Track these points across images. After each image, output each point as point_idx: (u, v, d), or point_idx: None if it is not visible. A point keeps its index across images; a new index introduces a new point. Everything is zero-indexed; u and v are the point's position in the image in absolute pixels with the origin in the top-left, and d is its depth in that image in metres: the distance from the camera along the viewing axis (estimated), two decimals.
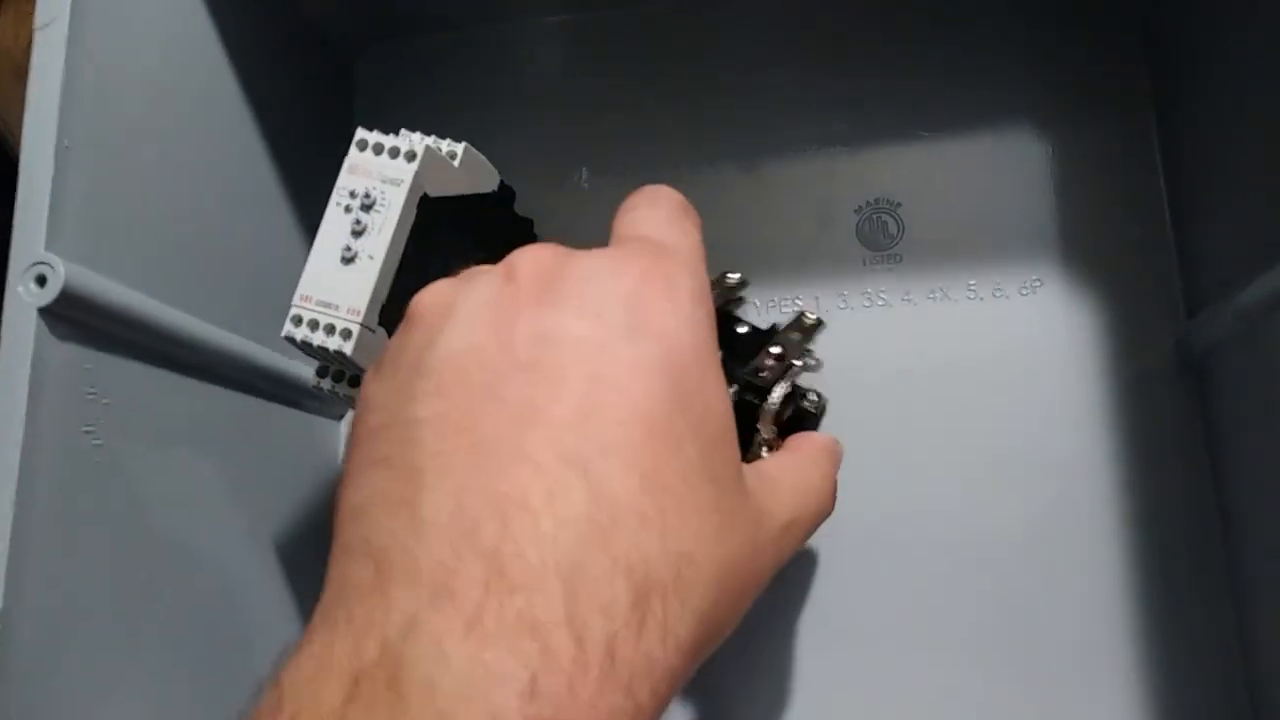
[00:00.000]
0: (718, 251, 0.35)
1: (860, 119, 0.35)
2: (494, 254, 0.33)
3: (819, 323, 0.29)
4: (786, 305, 0.34)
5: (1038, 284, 0.33)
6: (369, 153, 0.27)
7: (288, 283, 0.27)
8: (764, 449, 0.27)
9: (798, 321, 0.29)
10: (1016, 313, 0.33)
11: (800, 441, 0.27)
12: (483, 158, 0.31)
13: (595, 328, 0.19)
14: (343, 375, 0.28)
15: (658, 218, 0.24)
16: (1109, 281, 0.32)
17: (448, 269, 0.31)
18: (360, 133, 0.27)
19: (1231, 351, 0.29)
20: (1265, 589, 0.28)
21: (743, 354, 0.29)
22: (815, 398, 0.29)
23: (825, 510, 0.25)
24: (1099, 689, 0.30)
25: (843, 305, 0.34)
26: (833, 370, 0.33)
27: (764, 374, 0.28)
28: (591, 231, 0.36)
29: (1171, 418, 0.31)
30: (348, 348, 0.26)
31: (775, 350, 0.28)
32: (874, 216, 0.34)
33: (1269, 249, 0.26)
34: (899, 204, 0.34)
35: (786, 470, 0.24)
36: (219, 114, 0.32)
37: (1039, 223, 0.33)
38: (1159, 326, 0.32)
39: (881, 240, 0.34)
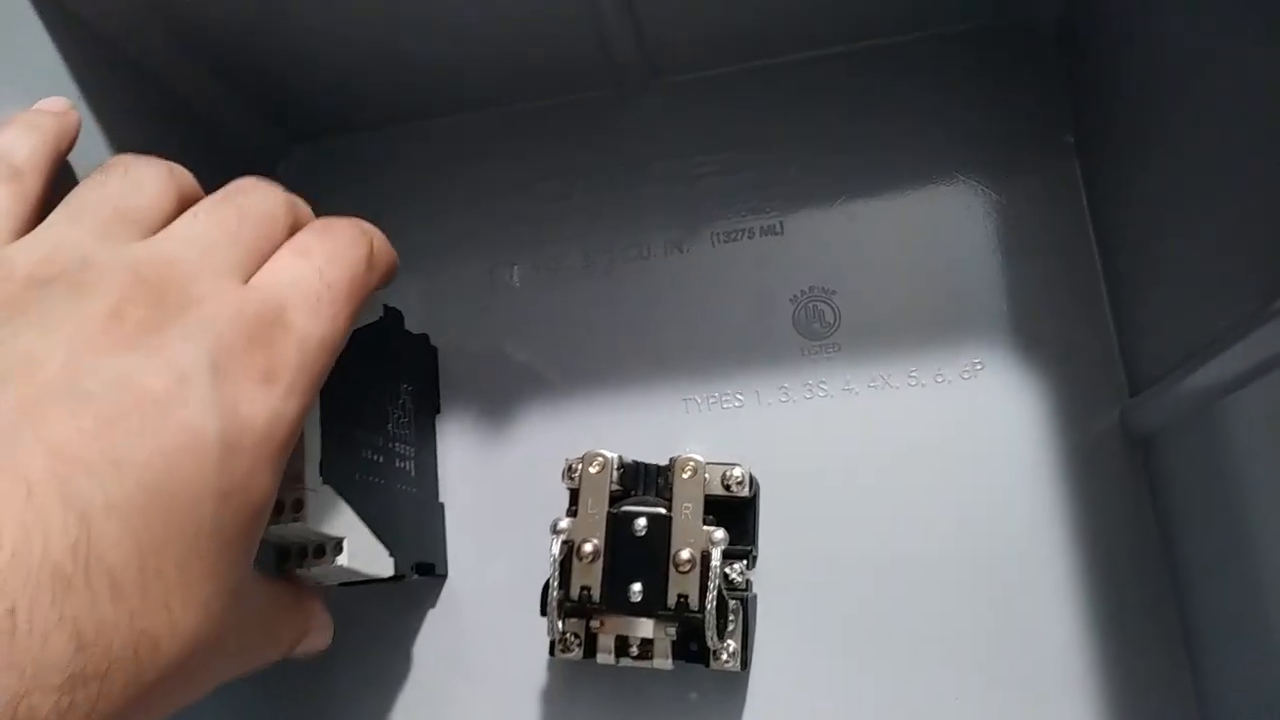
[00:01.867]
0: (652, 344, 0.35)
1: (790, 205, 0.35)
2: (399, 377, 0.33)
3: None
4: (728, 400, 0.33)
5: (979, 367, 0.32)
6: None
7: None
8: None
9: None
10: (959, 397, 0.32)
11: (298, 600, 0.27)
12: None
13: (172, 387, 0.18)
14: (305, 551, 0.27)
15: (314, 288, 0.22)
16: (1050, 360, 0.32)
17: (368, 405, 0.30)
18: None
19: (1173, 434, 0.29)
20: (1220, 659, 0.28)
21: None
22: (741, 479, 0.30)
23: (280, 653, 0.26)
24: None
25: (784, 398, 0.33)
26: (778, 463, 0.32)
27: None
28: (527, 329, 0.36)
29: (1120, 491, 0.31)
30: (304, 518, 0.26)
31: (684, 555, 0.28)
32: (810, 305, 0.34)
33: (1204, 336, 0.26)
34: (834, 291, 0.34)
35: (295, 607, 0.26)
36: None
37: (977, 305, 0.33)
38: (1103, 402, 0.31)
39: (819, 329, 0.33)
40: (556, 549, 0.29)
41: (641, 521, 0.29)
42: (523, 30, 0.34)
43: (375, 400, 0.31)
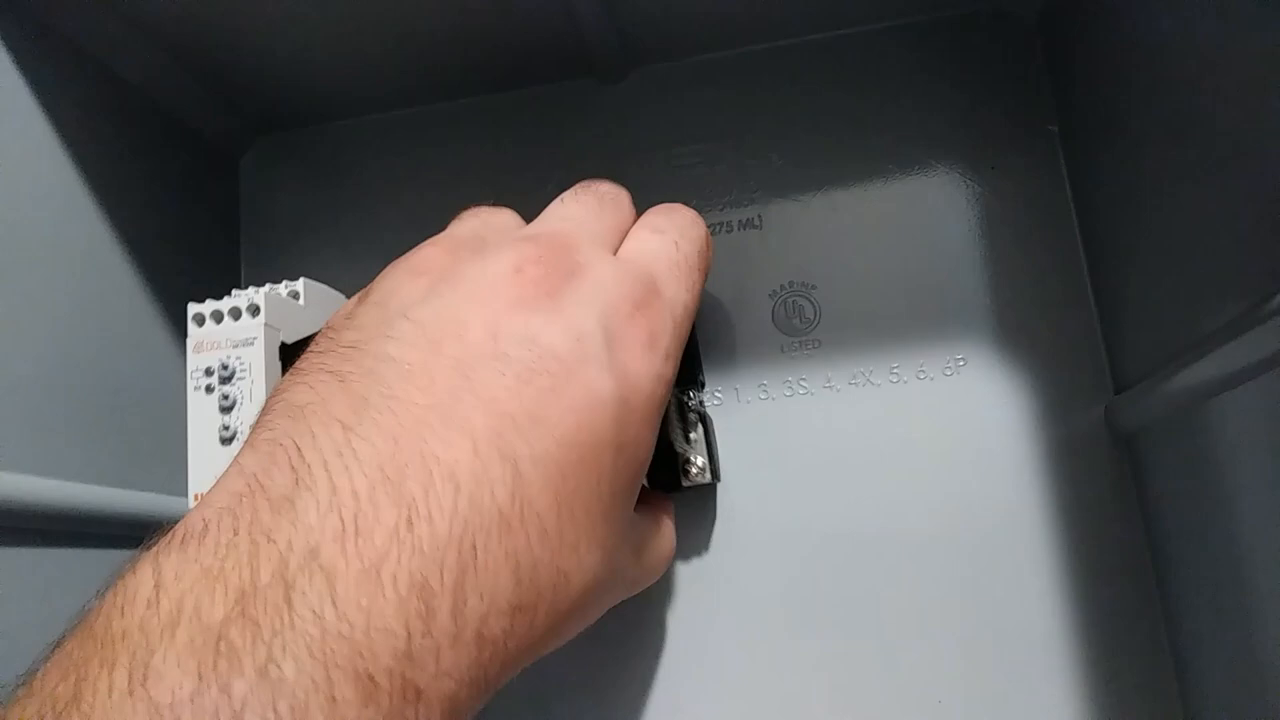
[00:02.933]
0: None
1: (770, 197, 0.34)
2: None
3: None
4: (707, 399, 0.33)
5: (961, 363, 0.32)
6: (209, 324, 0.26)
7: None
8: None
9: None
10: (942, 393, 0.32)
11: (659, 504, 0.29)
12: (325, 287, 0.30)
13: (574, 348, 0.20)
14: None
15: (674, 260, 0.25)
16: (1034, 356, 0.31)
17: None
18: (193, 307, 0.26)
19: (1158, 432, 0.29)
20: (1202, 650, 0.28)
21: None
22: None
23: (667, 563, 0.28)
24: None
25: (764, 395, 0.32)
26: (760, 460, 0.32)
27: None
28: None
29: (1106, 487, 0.30)
30: None
31: None
32: (790, 300, 0.33)
33: (1189, 336, 0.26)
34: (814, 286, 0.33)
35: (654, 532, 0.27)
36: (95, 239, 0.30)
37: (959, 300, 0.32)
38: (1087, 399, 0.31)
39: (799, 325, 0.33)
40: None
41: None
42: (495, 19, 0.32)
43: None
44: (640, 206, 0.35)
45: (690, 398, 0.30)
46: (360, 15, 0.32)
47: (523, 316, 0.20)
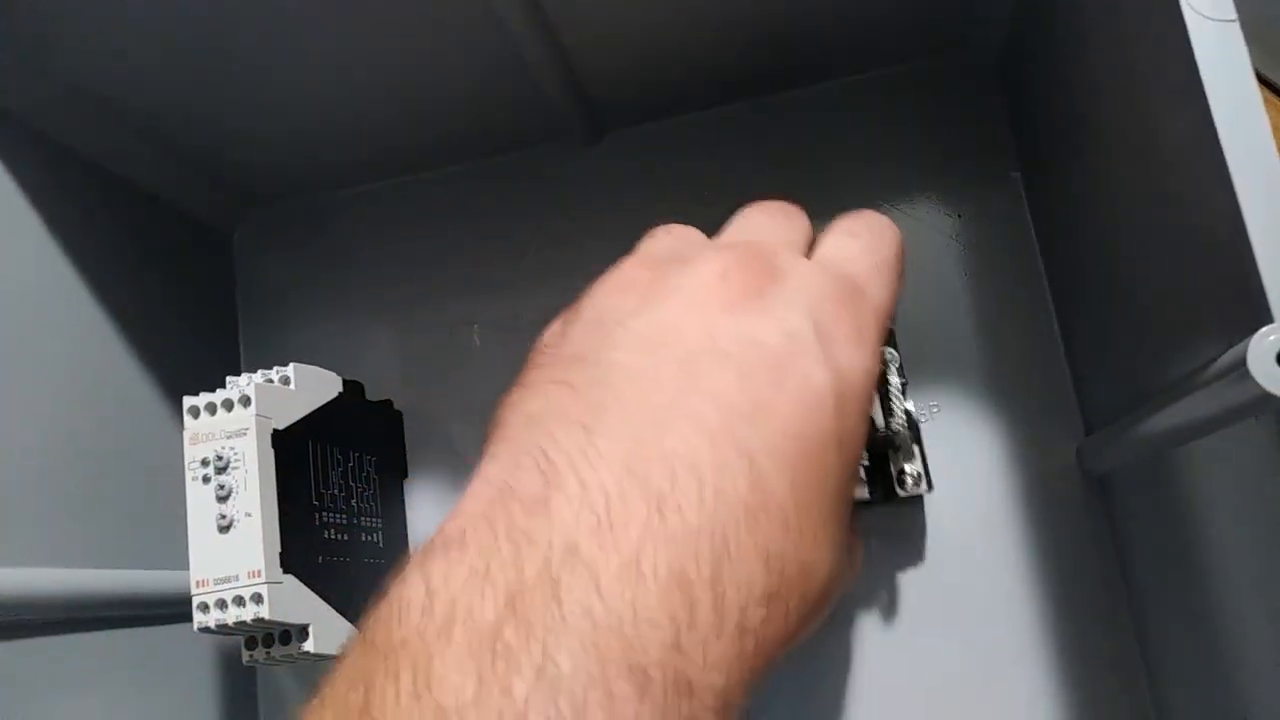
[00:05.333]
0: None
1: None
2: (365, 448, 0.33)
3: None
4: None
5: (935, 410, 0.32)
6: (204, 416, 0.27)
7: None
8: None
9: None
10: None
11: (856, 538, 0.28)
12: (315, 369, 0.31)
13: (788, 344, 0.20)
14: (271, 639, 0.28)
15: (872, 261, 0.25)
16: (1006, 399, 0.32)
17: (329, 485, 0.31)
18: (187, 401, 0.27)
19: (1128, 475, 0.29)
20: (1180, 690, 0.28)
21: None
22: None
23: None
24: None
25: None
26: None
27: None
28: (490, 388, 0.36)
29: (1080, 527, 0.31)
30: (265, 611, 0.26)
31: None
32: None
33: (1155, 382, 0.26)
34: None
35: (853, 543, 0.26)
36: (91, 319, 0.31)
37: (932, 348, 0.33)
38: (1060, 441, 0.32)
39: None
40: None
41: None
42: (468, 91, 0.34)
43: (337, 478, 0.31)
44: (611, 265, 0.36)
45: (898, 380, 0.29)
46: (340, 92, 0.33)
47: (735, 317, 0.20)
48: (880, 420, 0.28)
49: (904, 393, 0.29)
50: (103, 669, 0.29)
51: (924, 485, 0.29)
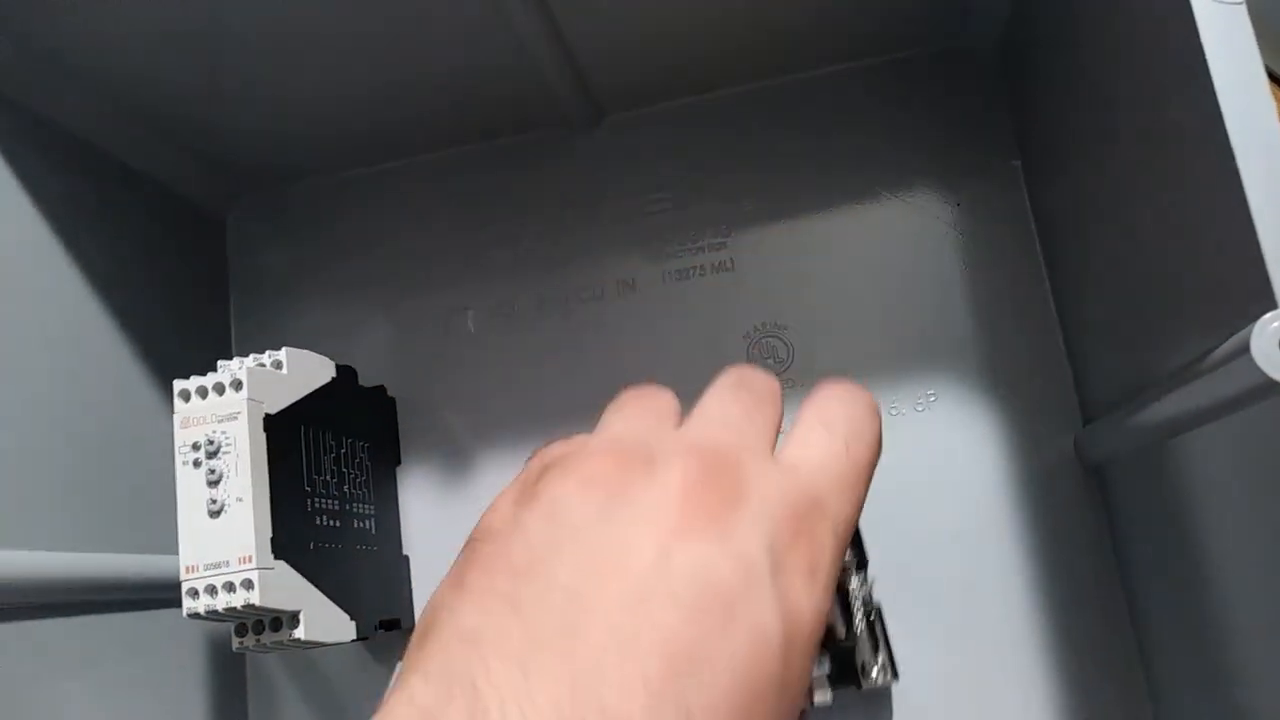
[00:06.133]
0: (608, 384, 0.34)
1: (741, 240, 0.35)
2: (358, 434, 0.33)
3: None
4: None
5: (932, 398, 0.32)
6: (195, 400, 0.26)
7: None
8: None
9: None
10: (914, 429, 0.32)
11: None
12: (307, 353, 0.30)
13: (742, 580, 0.19)
14: (261, 625, 0.27)
15: (842, 469, 0.22)
16: (1003, 388, 0.32)
17: (321, 470, 0.30)
18: (178, 384, 0.27)
19: (1125, 464, 0.29)
20: (1175, 677, 0.28)
21: None
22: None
23: None
24: None
25: None
26: None
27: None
28: (484, 374, 0.36)
29: (1076, 517, 0.31)
30: (255, 597, 0.26)
31: None
32: (763, 341, 0.34)
33: (1152, 373, 0.26)
34: (786, 327, 0.34)
35: None
36: (82, 302, 0.31)
37: (928, 337, 0.33)
38: (1057, 430, 0.31)
39: (772, 366, 0.33)
40: None
41: None
42: (465, 75, 0.33)
43: (330, 464, 0.31)
44: (609, 255, 0.36)
45: (858, 584, 0.29)
46: (335, 78, 0.33)
47: (690, 544, 0.19)
48: (840, 629, 0.28)
49: (865, 581, 0.29)
50: (90, 654, 0.29)
51: (889, 676, 0.29)
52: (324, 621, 0.28)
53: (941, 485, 0.32)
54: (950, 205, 0.34)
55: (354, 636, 0.30)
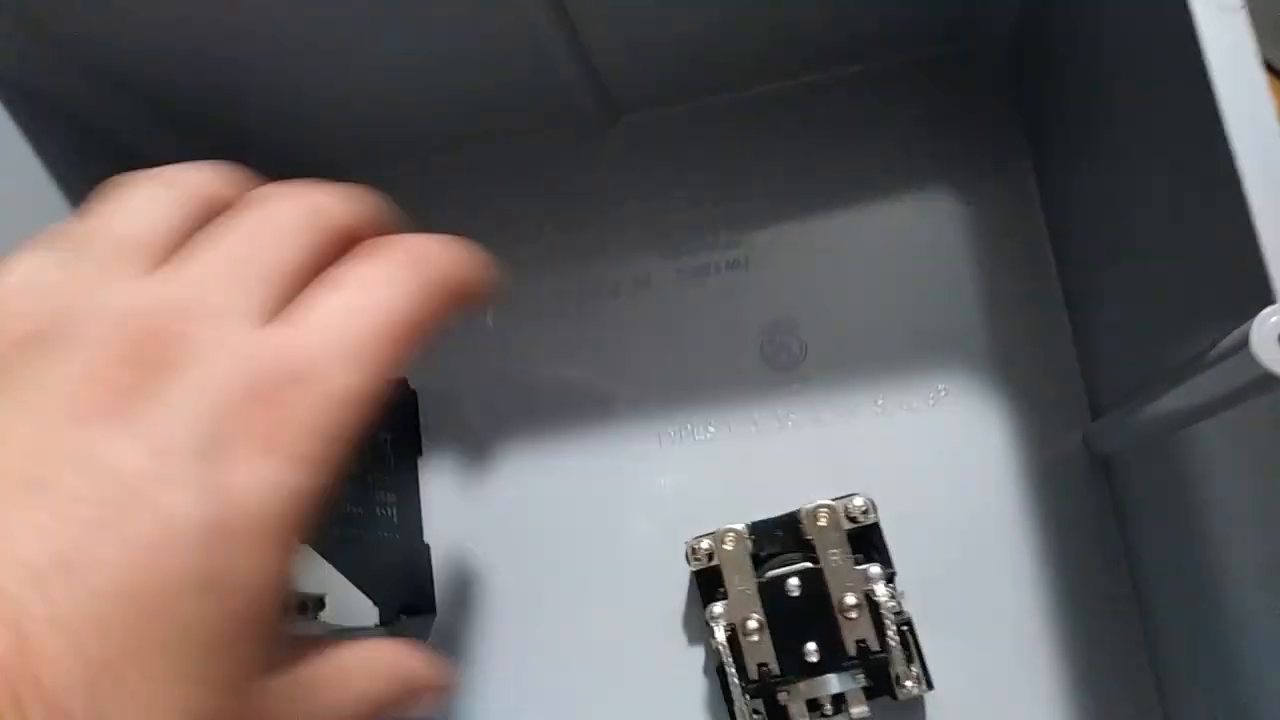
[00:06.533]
0: (624, 379, 0.35)
1: (755, 237, 0.35)
2: (382, 426, 0.33)
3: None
4: (700, 434, 0.34)
5: (943, 393, 0.33)
6: None
7: None
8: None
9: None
10: (925, 424, 0.33)
11: (365, 652, 0.22)
12: None
13: (149, 466, 0.16)
14: (304, 605, 0.28)
15: (347, 329, 0.19)
16: (1013, 383, 0.32)
17: (345, 461, 0.31)
18: None
19: (1135, 458, 0.30)
20: (1183, 672, 0.29)
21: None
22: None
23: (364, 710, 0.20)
24: None
25: (755, 430, 0.34)
26: (750, 495, 0.33)
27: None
28: (503, 369, 0.36)
29: (1086, 511, 0.31)
30: None
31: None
32: (777, 338, 0.34)
33: (1162, 365, 0.27)
34: (800, 323, 0.34)
35: (336, 676, 0.20)
36: None
37: (940, 332, 0.33)
38: (1066, 424, 0.32)
39: (786, 361, 0.34)
40: (721, 634, 0.29)
41: (794, 581, 0.29)
42: (479, 73, 0.34)
43: (354, 454, 0.32)
44: (625, 252, 0.36)
45: (888, 595, 0.29)
46: (351, 76, 0.34)
47: (85, 430, 0.16)
48: (874, 640, 0.28)
49: (894, 593, 0.29)
50: None
51: (923, 686, 0.29)
52: (349, 607, 0.29)
53: (952, 478, 0.32)
54: (962, 204, 0.34)
55: (377, 622, 0.30)
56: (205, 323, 0.18)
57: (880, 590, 0.28)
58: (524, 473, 0.35)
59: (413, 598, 0.33)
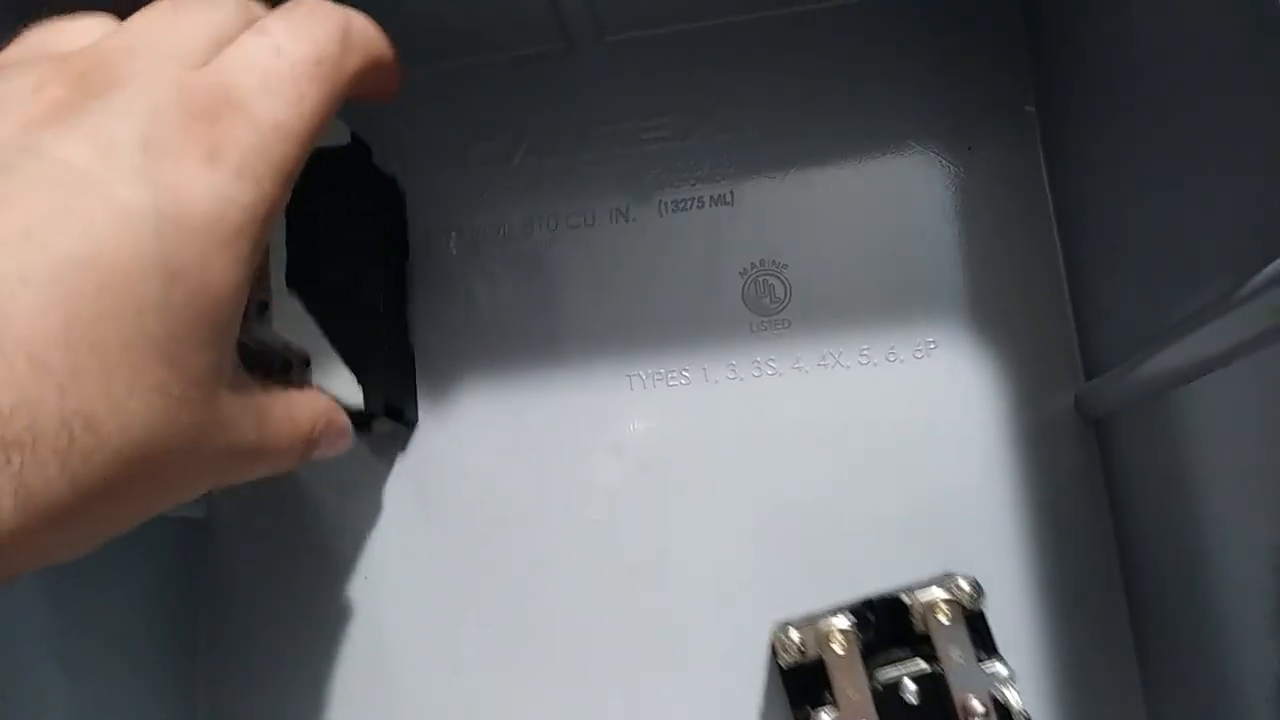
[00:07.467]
0: (596, 321, 0.33)
1: (742, 173, 0.33)
2: (369, 213, 0.32)
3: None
4: (674, 378, 0.32)
5: (932, 346, 0.31)
6: None
7: None
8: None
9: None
10: (912, 376, 0.31)
11: (310, 396, 0.25)
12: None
13: (96, 160, 0.18)
14: (270, 368, 0.27)
15: (268, 67, 0.20)
16: (1005, 340, 0.31)
17: (331, 228, 0.29)
18: None
19: (1128, 419, 0.28)
20: (1165, 635, 0.28)
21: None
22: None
23: (290, 458, 0.23)
24: None
25: (732, 375, 0.32)
26: (725, 444, 0.32)
27: None
28: (465, 300, 0.34)
29: (1074, 472, 0.30)
30: (269, 319, 0.25)
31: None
32: (760, 279, 0.32)
33: (1159, 324, 0.25)
34: (785, 265, 0.32)
35: (283, 406, 0.23)
36: None
37: (932, 281, 0.31)
38: (1058, 384, 0.30)
39: (769, 305, 0.32)
40: None
41: (912, 686, 0.26)
42: None
43: (341, 228, 0.30)
44: (604, 181, 0.34)
45: (1016, 698, 0.26)
46: None
47: (35, 130, 0.18)
48: None
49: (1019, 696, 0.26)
50: None
51: None
52: (333, 375, 0.27)
53: (938, 433, 0.31)
54: (961, 149, 0.32)
55: (360, 403, 0.28)
56: (142, 57, 0.19)
57: (1013, 698, 0.26)
58: (487, 409, 0.33)
59: (396, 396, 0.31)
